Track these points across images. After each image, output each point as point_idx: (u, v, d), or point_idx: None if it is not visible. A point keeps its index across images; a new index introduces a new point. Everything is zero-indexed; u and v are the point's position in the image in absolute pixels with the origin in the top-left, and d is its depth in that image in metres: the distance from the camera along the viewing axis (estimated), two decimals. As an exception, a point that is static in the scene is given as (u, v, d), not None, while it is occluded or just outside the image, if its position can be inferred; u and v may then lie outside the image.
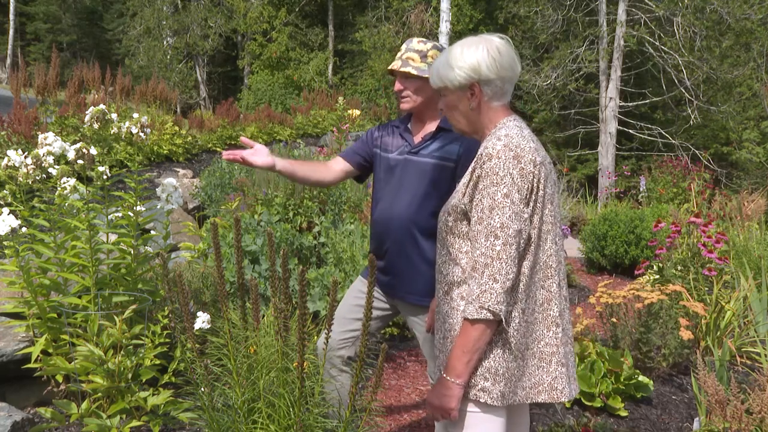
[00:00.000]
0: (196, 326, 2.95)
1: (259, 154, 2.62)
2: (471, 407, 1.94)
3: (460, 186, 2.00)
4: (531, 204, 1.89)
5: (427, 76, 2.57)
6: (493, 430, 1.95)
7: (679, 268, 5.35)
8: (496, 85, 1.98)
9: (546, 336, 1.97)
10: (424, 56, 2.63)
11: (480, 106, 2.00)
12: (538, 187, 1.89)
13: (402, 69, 2.62)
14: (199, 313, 3.00)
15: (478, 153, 1.94)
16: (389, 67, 2.70)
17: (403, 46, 2.69)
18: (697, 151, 16.61)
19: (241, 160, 2.60)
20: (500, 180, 1.85)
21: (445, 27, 15.81)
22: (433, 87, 2.08)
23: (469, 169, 1.97)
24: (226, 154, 2.59)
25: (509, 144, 1.88)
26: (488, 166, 1.87)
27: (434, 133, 2.67)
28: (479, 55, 1.95)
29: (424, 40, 2.69)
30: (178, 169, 8.32)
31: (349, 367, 2.78)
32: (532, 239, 1.90)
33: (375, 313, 2.73)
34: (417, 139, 2.72)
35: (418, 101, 2.67)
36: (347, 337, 2.72)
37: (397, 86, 2.68)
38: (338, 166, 2.86)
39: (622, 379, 3.96)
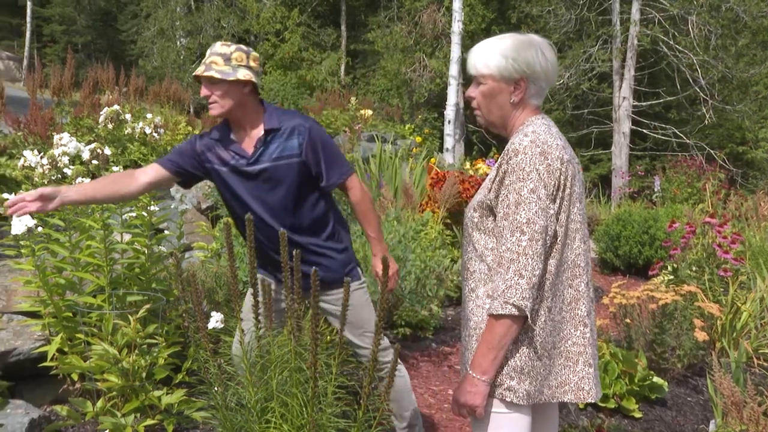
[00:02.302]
0: (210, 326, 2.95)
1: (41, 201, 2.46)
2: (497, 406, 1.93)
3: (486, 181, 1.99)
4: (558, 201, 1.88)
5: (231, 78, 2.54)
6: (519, 429, 1.94)
7: (693, 268, 5.31)
8: (540, 85, 1.99)
9: (573, 335, 1.95)
10: (227, 59, 2.57)
11: (520, 101, 1.98)
12: (565, 184, 1.88)
13: (205, 73, 2.54)
14: (213, 313, 3.00)
15: (505, 149, 1.94)
16: (194, 74, 2.62)
17: (208, 51, 2.62)
18: (712, 151, 16.48)
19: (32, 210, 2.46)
20: (526, 175, 1.83)
21: (457, 27, 15.78)
22: (472, 73, 2.03)
23: (496, 164, 1.96)
24: (12, 209, 2.43)
25: (536, 140, 1.87)
26: (515, 161, 1.86)
27: (264, 136, 2.64)
28: (534, 52, 1.94)
29: (228, 43, 2.63)
30: (191, 170, 8.34)
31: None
32: (559, 237, 1.89)
33: (282, 304, 2.67)
34: (249, 148, 2.66)
35: (226, 106, 2.59)
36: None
37: (203, 92, 2.60)
38: (146, 176, 2.70)
39: (636, 380, 3.94)
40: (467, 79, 2.21)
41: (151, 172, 2.71)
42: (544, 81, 1.99)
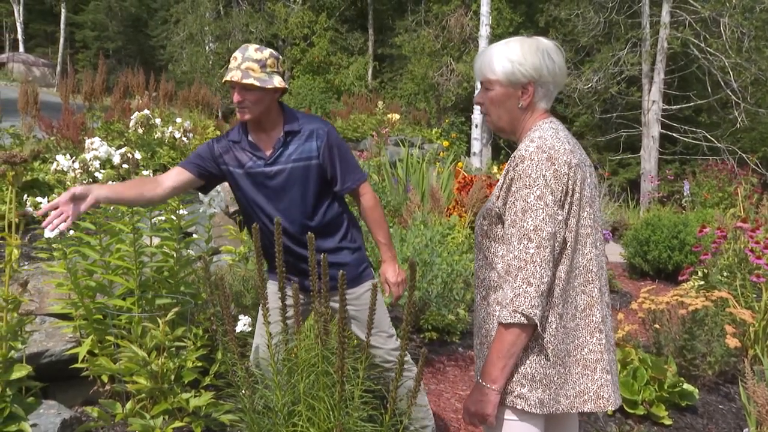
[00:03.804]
0: (238, 329, 2.98)
1: (78, 202, 2.43)
2: (508, 414, 1.90)
3: (495, 189, 1.99)
4: (566, 206, 1.85)
5: (269, 87, 2.56)
6: None
7: (725, 274, 5.23)
8: (549, 88, 1.97)
9: (589, 342, 1.92)
10: (263, 65, 2.57)
11: (528, 105, 1.97)
12: (573, 189, 1.86)
13: (244, 81, 2.53)
14: (240, 316, 3.03)
15: (512, 155, 1.92)
16: (226, 78, 2.58)
17: (238, 55, 2.60)
18: (744, 155, 16.19)
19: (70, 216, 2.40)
20: (533, 182, 1.82)
21: (485, 31, 15.75)
22: (479, 79, 2.02)
23: (503, 171, 1.95)
24: (51, 227, 2.38)
25: (542, 146, 1.86)
26: (521, 168, 1.85)
27: (284, 138, 2.66)
28: (541, 56, 1.93)
29: (260, 47, 2.61)
30: (219, 174, 8.41)
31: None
32: (569, 243, 1.86)
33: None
34: (268, 149, 2.68)
35: (257, 111, 2.61)
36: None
37: (236, 97, 2.58)
38: (170, 180, 2.71)
39: (665, 387, 3.88)
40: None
41: (174, 175, 2.73)
42: (552, 84, 1.97)
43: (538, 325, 1.79)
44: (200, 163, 2.75)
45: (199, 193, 3.42)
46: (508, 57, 1.94)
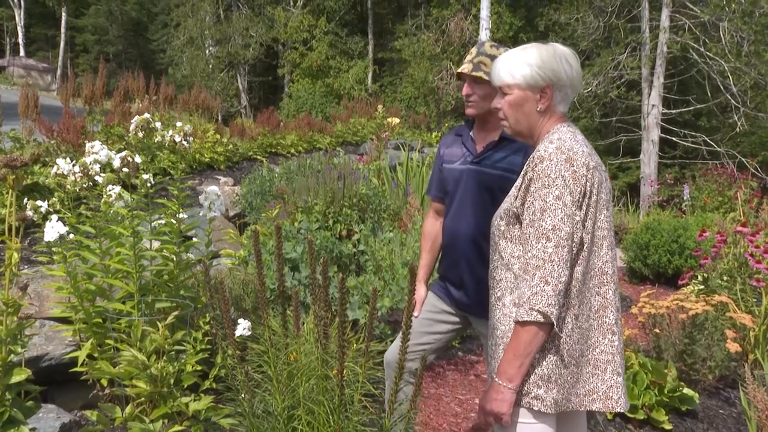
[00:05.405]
0: (237, 333, 2.97)
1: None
2: (524, 416, 1.91)
3: (513, 189, 2.00)
4: (584, 207, 1.87)
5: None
6: None
7: (725, 278, 5.22)
8: (566, 92, 2.00)
9: (601, 343, 1.94)
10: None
11: (547, 109, 2.00)
12: (591, 191, 1.87)
13: (474, 73, 2.55)
14: (240, 320, 3.02)
15: (531, 156, 1.94)
16: (459, 70, 2.60)
17: (474, 49, 2.61)
18: (743, 159, 16.20)
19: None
20: (552, 182, 1.83)
21: (484, 35, 15.76)
22: (497, 84, 2.04)
23: (522, 172, 1.96)
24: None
25: (561, 147, 1.87)
26: (540, 168, 1.86)
27: (497, 142, 2.62)
28: (558, 59, 1.96)
29: (496, 44, 2.61)
30: (219, 177, 8.44)
31: (415, 378, 2.76)
32: (585, 244, 1.87)
33: (446, 327, 2.71)
34: (479, 148, 2.66)
35: (484, 107, 2.60)
36: (417, 350, 2.69)
37: (466, 90, 2.60)
38: (438, 217, 2.86)
39: (665, 391, 3.88)
40: (494, 88, 2.22)
41: (435, 207, 2.88)
42: (570, 88, 2.00)
43: (555, 324, 1.80)
44: (436, 184, 2.81)
45: (199, 198, 3.42)
46: (526, 61, 1.97)
